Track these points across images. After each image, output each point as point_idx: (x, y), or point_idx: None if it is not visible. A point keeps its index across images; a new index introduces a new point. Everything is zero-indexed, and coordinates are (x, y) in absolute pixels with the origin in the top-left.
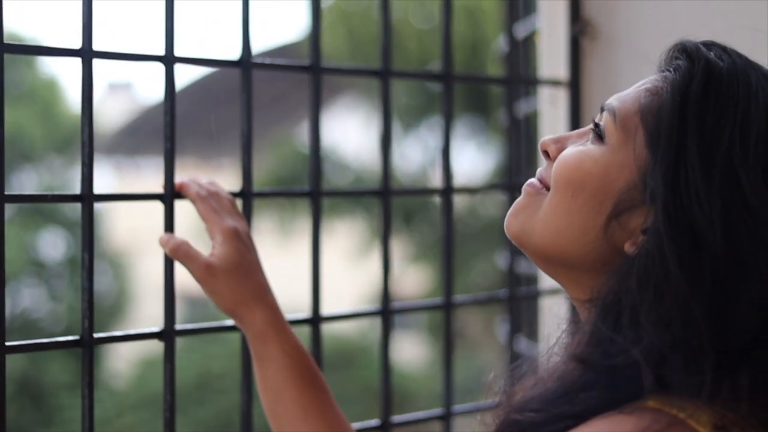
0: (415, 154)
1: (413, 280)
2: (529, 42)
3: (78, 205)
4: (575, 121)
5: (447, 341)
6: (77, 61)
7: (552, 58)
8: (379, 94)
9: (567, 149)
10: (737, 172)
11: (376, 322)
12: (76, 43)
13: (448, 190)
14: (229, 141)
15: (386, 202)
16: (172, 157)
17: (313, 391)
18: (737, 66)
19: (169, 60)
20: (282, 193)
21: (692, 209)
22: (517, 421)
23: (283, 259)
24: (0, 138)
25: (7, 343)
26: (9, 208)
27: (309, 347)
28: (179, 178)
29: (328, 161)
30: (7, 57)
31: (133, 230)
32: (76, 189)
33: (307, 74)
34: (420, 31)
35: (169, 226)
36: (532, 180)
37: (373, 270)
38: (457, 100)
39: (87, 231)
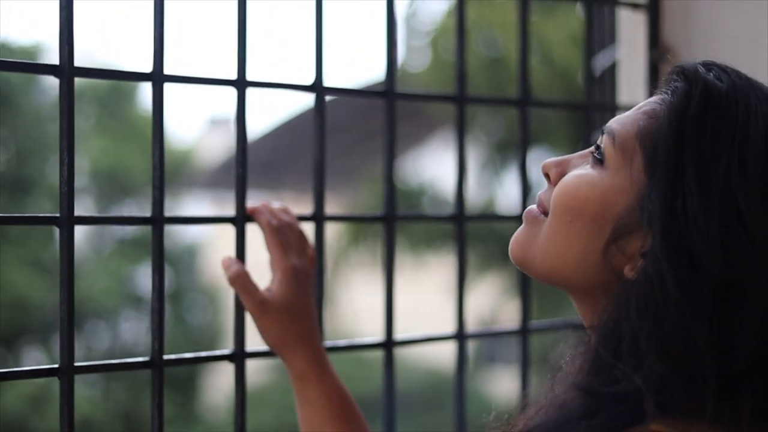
0: (513, 187)
1: (512, 311)
2: (609, 71)
3: (177, 239)
4: None
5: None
6: (176, 95)
7: (631, 85)
8: (455, 119)
9: (567, 175)
10: (735, 194)
11: (474, 356)
12: (148, 68)
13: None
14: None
15: (460, 227)
16: (244, 181)
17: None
18: (736, 87)
19: (241, 84)
20: (354, 218)
21: (690, 233)
22: None
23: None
24: (71, 159)
25: (75, 364)
26: (109, 242)
27: (383, 372)
28: (253, 202)
29: (426, 196)
30: (108, 92)
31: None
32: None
33: (382, 99)
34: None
35: (240, 249)
36: (532, 207)
37: (470, 302)
38: (560, 129)
39: (157, 252)
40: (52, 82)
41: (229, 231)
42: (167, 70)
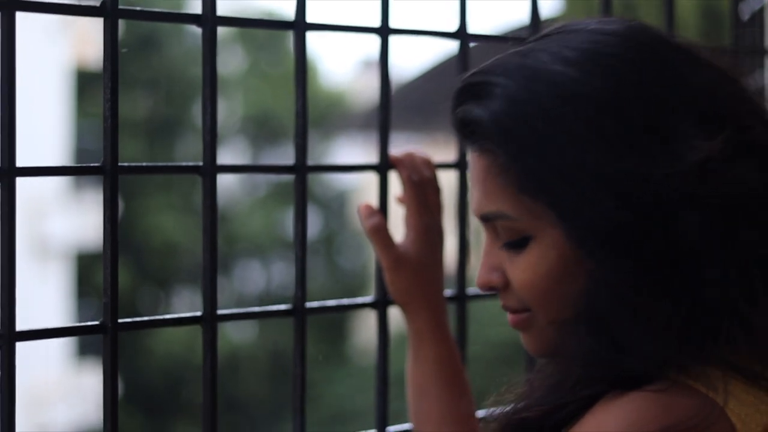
0: None
1: None
2: (758, 14)
3: (329, 184)
4: None
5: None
6: (329, 39)
7: None
8: None
9: (513, 271)
10: (591, 159)
11: None
12: (290, 16)
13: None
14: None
15: None
16: (386, 128)
17: (455, 399)
18: (529, 84)
19: (384, 31)
20: None
21: (594, 222)
22: (525, 419)
23: None
24: (213, 108)
25: (218, 312)
26: (264, 185)
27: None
28: (397, 151)
29: None
30: (265, 36)
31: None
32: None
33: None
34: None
35: (383, 198)
36: (511, 317)
37: None
38: None
39: (300, 201)
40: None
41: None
42: (311, 17)
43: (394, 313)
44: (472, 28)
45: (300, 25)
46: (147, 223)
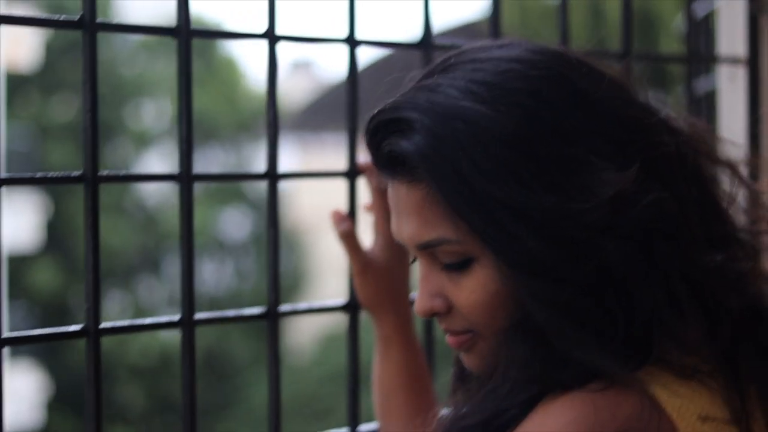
0: None
1: None
2: (708, 20)
3: (262, 184)
4: (754, 99)
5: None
6: (257, 43)
7: (731, 36)
8: None
9: (456, 293)
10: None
11: None
12: (259, 28)
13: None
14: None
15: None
16: (354, 136)
17: (420, 401)
18: (437, 110)
19: (352, 42)
20: None
21: (515, 253)
22: (465, 427)
23: None
24: (189, 118)
25: (195, 317)
26: (194, 187)
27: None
28: (364, 158)
29: None
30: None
31: (315, 208)
32: (261, 166)
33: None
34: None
35: (351, 204)
36: (455, 338)
37: None
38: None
39: (272, 208)
40: None
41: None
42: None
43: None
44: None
45: (272, 37)
46: (78, 223)
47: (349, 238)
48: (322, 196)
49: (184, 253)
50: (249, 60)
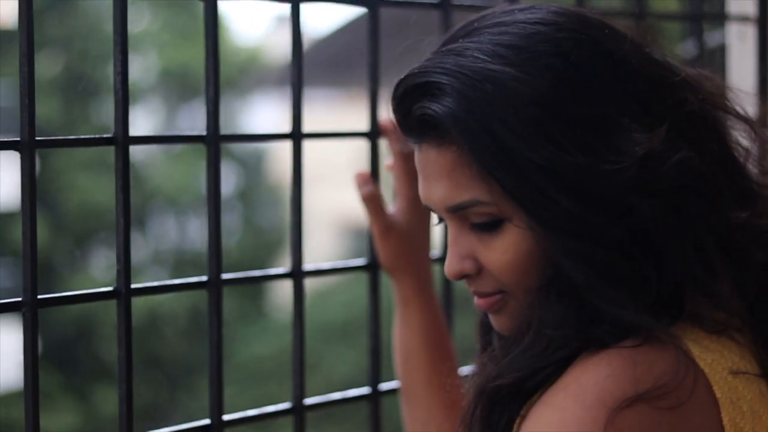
0: None
1: None
2: None
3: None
4: (763, 57)
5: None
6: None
7: None
8: None
9: (487, 254)
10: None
11: None
12: None
13: None
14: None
15: None
16: (375, 97)
17: (441, 362)
18: (463, 66)
19: (374, 4)
20: None
21: (550, 213)
22: (500, 386)
23: None
24: (216, 81)
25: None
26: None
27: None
28: (386, 118)
29: None
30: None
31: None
32: (245, 121)
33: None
34: None
35: (373, 165)
36: (487, 300)
37: None
38: None
39: (297, 168)
40: None
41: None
42: None
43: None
44: None
45: None
46: (64, 180)
47: (372, 200)
48: (306, 150)
49: (211, 214)
50: (235, 16)
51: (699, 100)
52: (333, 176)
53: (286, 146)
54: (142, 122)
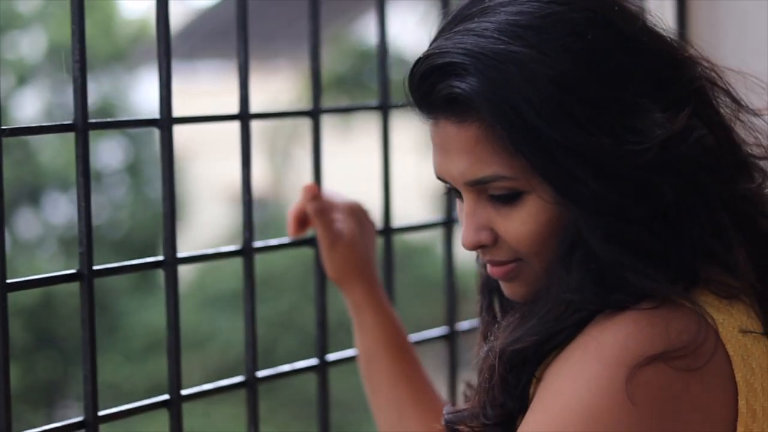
0: None
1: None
2: None
3: (137, 112)
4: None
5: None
6: None
7: None
8: None
9: (504, 225)
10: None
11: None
12: None
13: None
14: (285, 41)
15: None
16: (318, 76)
17: (404, 360)
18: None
19: None
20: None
21: (574, 187)
22: (519, 350)
23: (345, 155)
24: (168, 66)
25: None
26: (65, 117)
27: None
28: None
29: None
30: None
31: (183, 134)
32: (136, 97)
33: None
34: None
35: (315, 143)
36: (502, 268)
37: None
38: None
39: (245, 149)
40: None
41: (188, 101)
42: None
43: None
44: None
45: None
46: None
47: (321, 214)
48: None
49: (166, 195)
50: None
51: (704, 76)
52: (212, 149)
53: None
54: (32, 99)
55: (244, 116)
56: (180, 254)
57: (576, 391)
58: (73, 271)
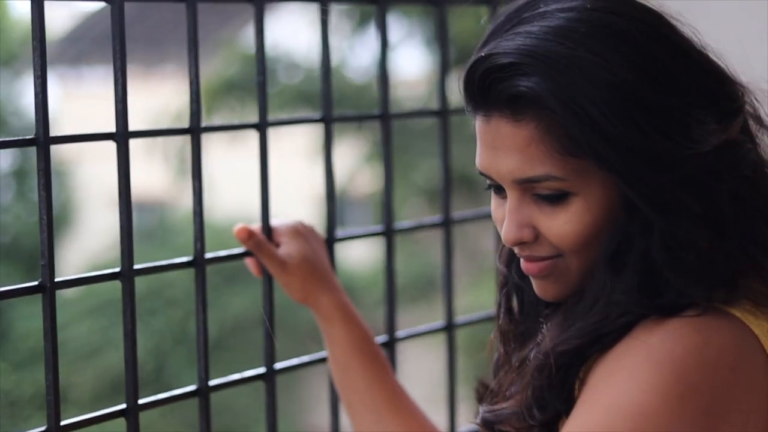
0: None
1: (368, 177)
2: None
3: (25, 116)
4: None
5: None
6: None
7: None
8: None
9: (548, 223)
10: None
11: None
12: None
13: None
14: (173, 46)
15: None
16: (264, 89)
17: (377, 365)
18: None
19: None
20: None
21: (636, 184)
22: (564, 351)
23: (235, 161)
24: (124, 80)
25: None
26: None
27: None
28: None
29: (279, 61)
30: None
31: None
32: (25, 102)
33: None
34: None
35: (263, 155)
36: (540, 264)
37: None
38: None
39: (196, 161)
40: None
41: (75, 106)
42: None
43: None
44: None
45: None
46: None
47: (260, 248)
48: (86, 123)
49: (122, 208)
50: None
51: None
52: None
53: (66, 122)
54: None
55: (195, 130)
56: (135, 266)
57: (626, 389)
58: (35, 283)
